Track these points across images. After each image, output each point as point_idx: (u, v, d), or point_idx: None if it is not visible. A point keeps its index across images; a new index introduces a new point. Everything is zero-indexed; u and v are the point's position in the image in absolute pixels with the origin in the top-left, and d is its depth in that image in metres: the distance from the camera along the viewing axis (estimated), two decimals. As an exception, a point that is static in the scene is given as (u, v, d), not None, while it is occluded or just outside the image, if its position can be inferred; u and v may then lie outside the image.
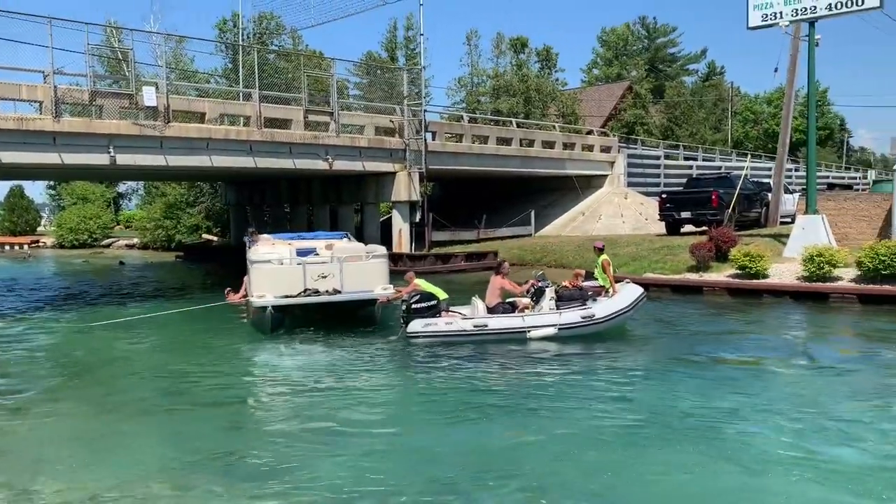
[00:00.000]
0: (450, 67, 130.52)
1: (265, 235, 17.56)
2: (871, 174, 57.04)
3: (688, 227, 24.15)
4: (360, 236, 21.83)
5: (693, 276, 17.91)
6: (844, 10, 17.90)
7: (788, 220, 23.41)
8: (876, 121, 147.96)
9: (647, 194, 33.20)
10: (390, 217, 25.41)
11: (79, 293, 20.89)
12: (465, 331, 11.54)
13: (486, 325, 11.59)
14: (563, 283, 12.70)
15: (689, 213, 23.53)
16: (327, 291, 12.95)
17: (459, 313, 12.18)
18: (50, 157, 16.66)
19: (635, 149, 37.76)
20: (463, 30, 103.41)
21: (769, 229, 22.86)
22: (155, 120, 17.82)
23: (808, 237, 17.81)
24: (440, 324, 11.65)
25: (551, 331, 11.49)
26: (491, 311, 12.08)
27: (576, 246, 23.68)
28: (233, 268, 28.64)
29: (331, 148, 21.54)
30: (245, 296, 14.75)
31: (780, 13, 18.72)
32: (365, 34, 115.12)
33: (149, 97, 17.34)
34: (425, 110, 24.62)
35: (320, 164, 21.49)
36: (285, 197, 30.16)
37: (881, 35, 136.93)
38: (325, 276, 13.04)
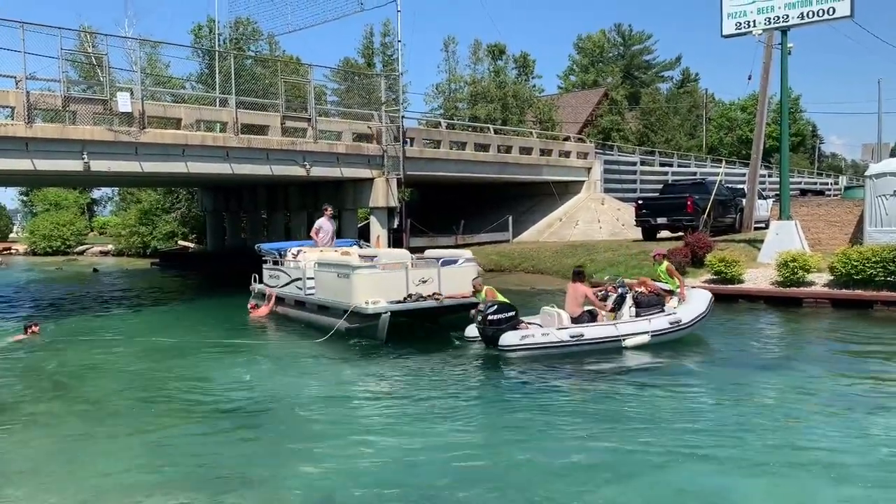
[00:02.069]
0: (427, 74, 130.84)
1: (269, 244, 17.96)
2: (843, 180, 57.87)
3: (664, 233, 24.37)
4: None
5: (669, 282, 18.05)
6: (816, 18, 18.20)
7: (762, 225, 23.72)
8: (847, 127, 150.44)
9: (624, 200, 33.45)
10: (368, 223, 25.34)
11: (78, 299, 20.62)
12: (562, 342, 10.90)
13: (583, 335, 10.98)
14: (638, 289, 12.16)
15: (664, 218, 23.75)
16: (431, 296, 12.73)
17: (536, 324, 11.57)
18: (22, 164, 16.41)
19: (612, 155, 38.06)
20: (440, 36, 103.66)
21: (744, 235, 23.15)
22: (130, 126, 17.63)
23: (781, 242, 18.06)
24: (537, 335, 10.95)
25: (645, 338, 11.11)
26: (575, 321, 11.45)
27: (553, 252, 23.81)
28: (211, 275, 28.67)
29: (308, 154, 21.45)
30: (272, 310, 14.69)
31: (754, 22, 18.99)
32: (342, 40, 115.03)
33: (123, 103, 17.15)
34: (403, 116, 24.60)
35: (298, 171, 21.38)
36: (262, 203, 29.98)
37: (852, 44, 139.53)
38: (425, 281, 12.98)
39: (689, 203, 22.88)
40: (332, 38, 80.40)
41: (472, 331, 11.82)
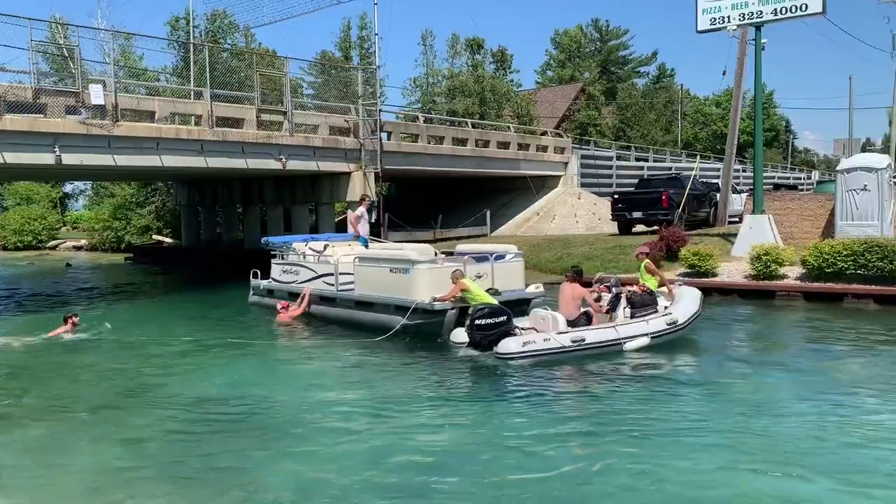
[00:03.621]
0: (405, 67, 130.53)
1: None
2: (815, 175, 58.71)
3: (639, 227, 24.55)
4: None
5: (645, 275, 18.21)
6: (789, 14, 18.42)
7: (736, 219, 23.98)
8: (819, 123, 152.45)
9: (600, 195, 33.65)
10: (345, 217, 25.25)
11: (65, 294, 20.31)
12: (563, 347, 10.37)
13: (584, 340, 10.54)
14: (631, 288, 11.77)
15: (640, 213, 23.94)
16: (489, 291, 12.40)
17: (530, 328, 11.16)
18: (-9, 157, 16.15)
19: (588, 150, 38.25)
20: (418, 30, 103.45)
21: (718, 229, 23.40)
22: (102, 119, 17.40)
23: (755, 236, 18.28)
24: (538, 341, 10.41)
25: (645, 341, 10.79)
26: (572, 323, 11.01)
27: (531, 246, 23.83)
28: (188, 269, 28.44)
29: (284, 147, 21.30)
30: (305, 309, 14.30)
31: (728, 17, 19.16)
32: (319, 33, 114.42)
33: (96, 95, 16.90)
34: (380, 110, 24.53)
35: (273, 164, 21.23)
36: (238, 197, 29.74)
37: (825, 41, 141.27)
38: (480, 277, 12.69)
39: (664, 198, 23.06)
40: (309, 32, 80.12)
41: (459, 335, 11.29)
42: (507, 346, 10.33)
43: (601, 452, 6.78)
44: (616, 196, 25.52)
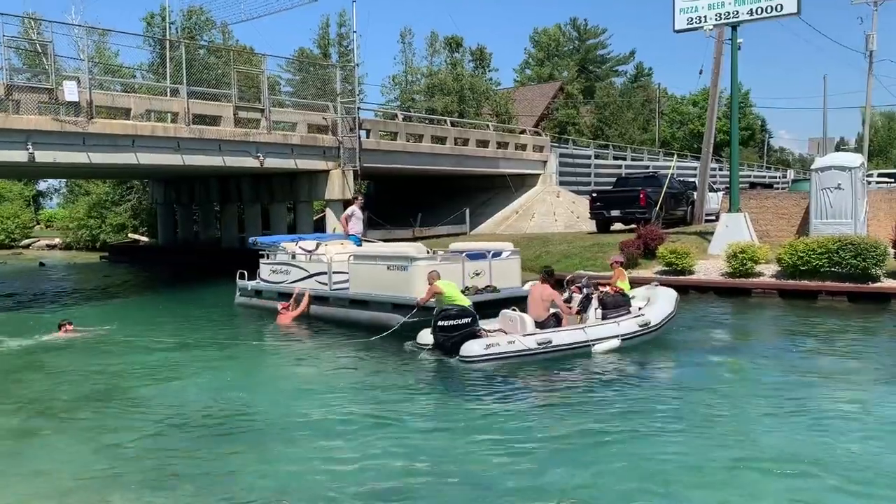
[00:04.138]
0: (384, 65, 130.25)
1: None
2: (790, 174, 59.36)
3: (617, 226, 24.69)
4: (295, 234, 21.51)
5: (623, 273, 18.32)
6: (765, 15, 18.62)
7: (713, 217, 24.19)
8: (795, 122, 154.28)
9: (579, 193, 33.78)
10: (324, 216, 25.14)
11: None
12: (529, 350, 10.01)
13: (551, 342, 10.16)
14: (604, 289, 11.47)
15: (618, 211, 24.08)
16: (485, 288, 12.35)
17: (499, 330, 10.81)
18: (-38, 154, 15.88)
19: (567, 148, 38.37)
20: (397, 27, 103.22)
21: (695, 227, 23.61)
22: (77, 116, 17.16)
23: (731, 234, 18.45)
24: (502, 343, 10.03)
25: (615, 343, 10.42)
26: (541, 325, 10.64)
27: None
28: (164, 268, 28.15)
29: (262, 145, 21.16)
30: (305, 310, 14.04)
31: (705, 17, 19.32)
32: (297, 31, 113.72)
33: (70, 92, 16.67)
34: (359, 108, 24.44)
35: (251, 162, 21.08)
36: (215, 195, 29.50)
37: (800, 41, 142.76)
38: (478, 274, 12.68)
39: (641, 196, 23.22)
40: (287, 29, 79.82)
41: (424, 336, 10.90)
42: (470, 348, 9.98)
43: (577, 453, 6.79)
44: (594, 195, 25.65)
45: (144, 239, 37.17)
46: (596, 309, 11.19)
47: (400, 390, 9.09)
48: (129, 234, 38.14)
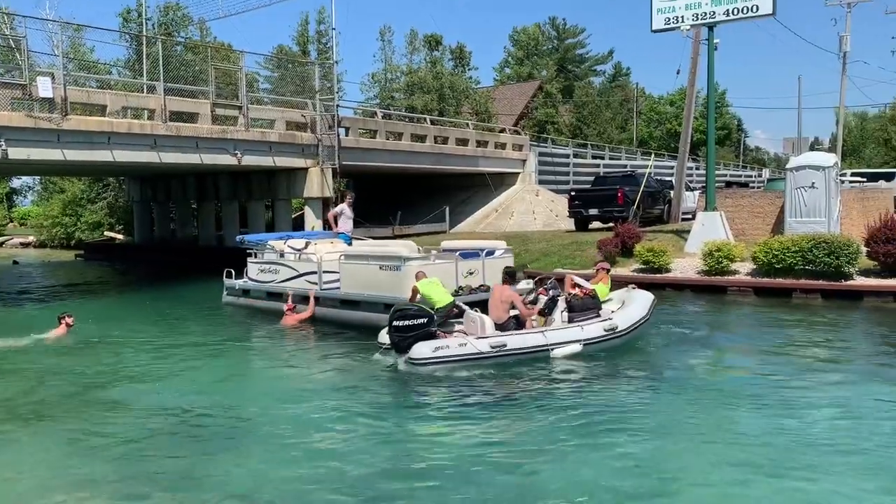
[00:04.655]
0: (363, 63, 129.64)
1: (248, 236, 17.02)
2: (766, 173, 60.05)
3: (596, 224, 24.84)
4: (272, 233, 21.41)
5: (601, 271, 18.43)
6: (741, 15, 18.81)
7: (689, 216, 24.41)
8: (770, 122, 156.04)
9: (557, 192, 33.94)
10: (303, 214, 25.05)
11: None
12: (481, 353, 9.58)
13: (505, 345, 9.70)
14: (573, 291, 10.86)
15: (596, 210, 24.25)
16: (478, 288, 12.11)
17: (460, 331, 10.44)
18: (-67, 150, 15.63)
19: (546, 147, 38.52)
20: (376, 25, 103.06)
21: (671, 225, 23.81)
22: (51, 112, 16.95)
23: (707, 233, 18.64)
24: (452, 346, 9.60)
25: (576, 347, 9.92)
26: (500, 327, 10.29)
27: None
28: (141, 266, 27.89)
29: (240, 143, 21.03)
30: (312, 313, 13.60)
31: (682, 17, 19.48)
32: (276, 28, 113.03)
33: (44, 88, 16.46)
34: (338, 105, 24.36)
35: (229, 160, 20.95)
36: (192, 193, 29.27)
37: (776, 42, 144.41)
38: (472, 273, 12.49)
39: (619, 195, 23.39)
40: (266, 26, 79.18)
41: (384, 336, 10.56)
42: (419, 350, 9.59)
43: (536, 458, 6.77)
44: (573, 193, 25.80)
45: (120, 237, 36.80)
46: (562, 311, 10.74)
47: (369, 392, 9.04)
48: (105, 233, 37.74)
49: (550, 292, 11.00)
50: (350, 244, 15.77)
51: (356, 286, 12.93)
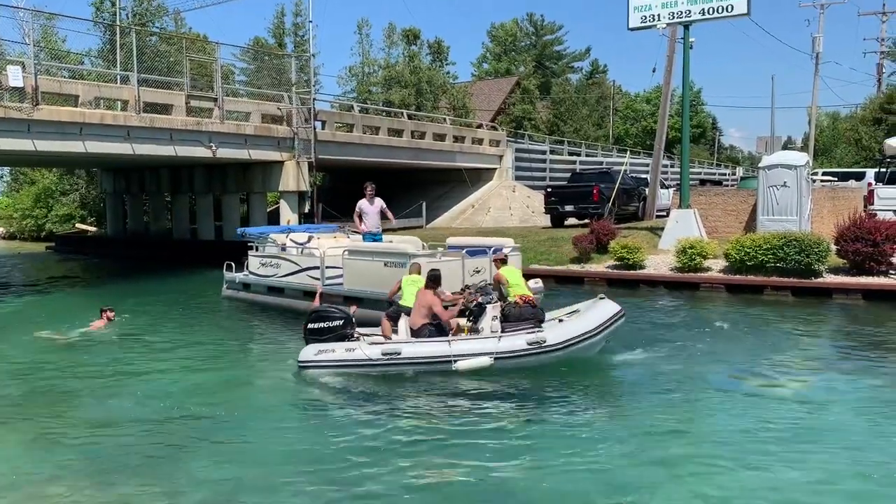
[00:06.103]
0: (340, 56, 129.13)
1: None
2: (739, 171, 60.75)
3: (571, 220, 24.98)
4: (247, 226, 21.25)
5: (575, 267, 18.56)
6: (716, 14, 19.01)
7: (664, 213, 24.63)
8: (745, 121, 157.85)
9: (534, 188, 34.07)
10: (278, 207, 24.92)
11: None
12: (369, 360, 9.05)
13: (399, 353, 9.06)
14: (513, 299, 9.67)
15: (572, 206, 24.39)
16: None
17: (379, 335, 9.94)
18: None
19: (523, 143, 38.65)
20: (354, 18, 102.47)
21: (646, 222, 24.01)
22: (21, 102, 16.67)
23: (681, 230, 18.84)
24: (338, 351, 9.15)
25: (485, 361, 8.90)
26: (415, 333, 9.54)
27: (465, 238, 23.99)
28: (114, 259, 27.53)
29: (214, 135, 20.85)
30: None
31: (658, 16, 19.64)
32: (252, 20, 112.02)
33: (14, 77, 16.19)
34: (315, 99, 24.23)
35: (203, 152, 20.76)
36: (166, 185, 28.97)
37: (750, 41, 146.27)
38: (478, 271, 12.19)
39: (595, 192, 23.55)
40: (242, 18, 78.54)
41: (306, 353, 9.84)
42: (304, 353, 9.27)
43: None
44: (549, 189, 25.91)
45: (92, 229, 36.33)
46: (493, 319, 9.68)
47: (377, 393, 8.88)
48: (77, 225, 37.24)
49: (479, 299, 10.04)
50: (381, 241, 14.66)
51: (360, 282, 12.62)
